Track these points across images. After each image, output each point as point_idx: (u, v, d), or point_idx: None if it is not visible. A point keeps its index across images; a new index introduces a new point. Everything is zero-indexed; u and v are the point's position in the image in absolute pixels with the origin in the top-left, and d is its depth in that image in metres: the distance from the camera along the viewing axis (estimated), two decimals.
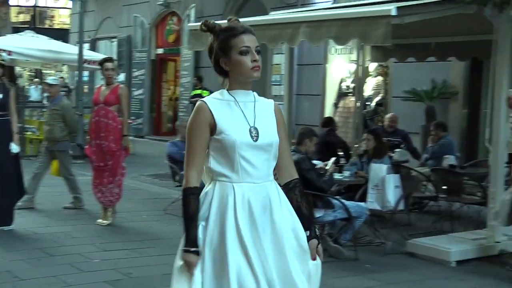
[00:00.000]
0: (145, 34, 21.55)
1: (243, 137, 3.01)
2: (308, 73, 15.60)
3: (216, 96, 3.10)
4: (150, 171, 13.26)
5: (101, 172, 8.46)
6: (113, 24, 23.11)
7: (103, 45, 23.88)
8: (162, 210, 9.36)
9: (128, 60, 22.17)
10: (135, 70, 21.88)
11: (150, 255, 7.04)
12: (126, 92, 8.64)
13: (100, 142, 8.36)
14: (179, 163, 9.14)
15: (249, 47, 3.03)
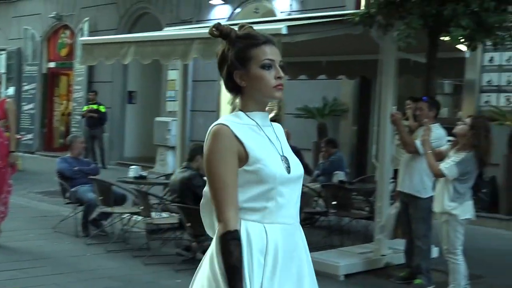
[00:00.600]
0: (36, 47, 20.99)
1: (280, 168, 2.55)
2: (203, 89, 15.65)
3: (234, 119, 2.57)
4: (40, 188, 12.88)
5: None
6: (1, 36, 22.40)
7: None
8: (51, 228, 9.09)
9: (18, 73, 21.51)
10: (26, 84, 21.26)
11: (38, 275, 6.83)
12: (14, 107, 8.36)
13: None
14: (69, 179, 8.96)
15: (273, 60, 2.60)
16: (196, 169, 7.30)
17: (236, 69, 2.58)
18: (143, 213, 7.92)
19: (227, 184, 2.48)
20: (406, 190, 6.90)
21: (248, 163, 2.50)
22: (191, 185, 7.15)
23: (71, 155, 9.23)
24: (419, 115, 6.79)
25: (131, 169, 9.45)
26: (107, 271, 7.11)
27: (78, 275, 6.91)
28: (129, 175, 9.41)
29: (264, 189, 2.52)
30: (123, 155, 18.16)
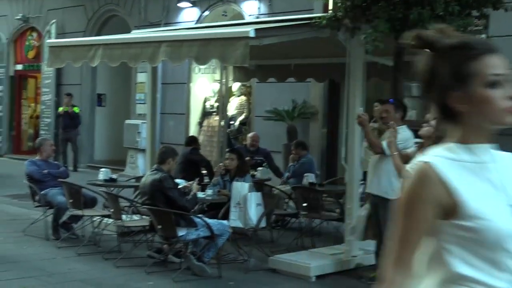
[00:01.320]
0: (3, 49, 20.77)
1: (509, 224, 1.94)
2: (173, 92, 15.64)
3: (446, 155, 1.98)
4: (9, 191, 12.75)
5: None
6: None
7: None
8: (20, 232, 9.04)
9: None
10: None
11: (7, 279, 6.82)
12: None
13: None
14: (39, 182, 8.92)
15: (502, 75, 1.95)
16: (167, 171, 7.33)
17: (452, 90, 1.96)
18: (113, 215, 7.93)
19: (406, 239, 1.95)
20: (374, 192, 6.99)
21: (463, 216, 1.91)
22: (162, 187, 7.17)
23: (41, 158, 9.20)
24: (385, 117, 6.88)
25: (101, 172, 9.44)
26: (78, 274, 7.11)
27: (48, 278, 6.90)
28: (99, 177, 9.40)
29: (487, 250, 1.91)
30: (93, 158, 18.06)
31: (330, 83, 12.58)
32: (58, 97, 18.64)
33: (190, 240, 7.24)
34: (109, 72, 17.32)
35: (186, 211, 7.18)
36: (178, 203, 7.13)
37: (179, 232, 7.07)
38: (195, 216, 7.29)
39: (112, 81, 18.17)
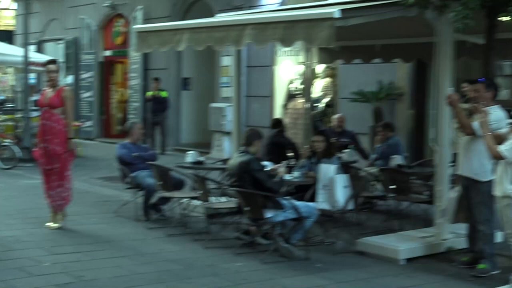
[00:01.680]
0: (92, 36, 21.33)
1: None
2: (257, 75, 15.69)
3: None
4: (100, 174, 13.17)
5: (49, 175, 8.39)
6: (59, 25, 22.81)
7: (50, 47, 23.55)
8: (112, 213, 9.32)
9: (75, 62, 21.91)
10: (83, 72, 21.64)
11: (101, 258, 7.02)
12: (71, 95, 8.55)
13: (45, 145, 8.28)
14: (129, 165, 9.14)
15: None
16: (254, 154, 7.37)
17: None
18: (201, 197, 8.04)
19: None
20: (465, 174, 6.83)
21: None
22: (249, 169, 7.21)
23: (130, 141, 9.41)
24: (475, 97, 6.69)
25: (189, 155, 9.58)
26: (168, 254, 7.25)
27: (140, 258, 7.08)
28: (186, 160, 9.54)
29: None
30: (179, 141, 18.36)
31: (417, 63, 12.33)
32: (145, 82, 19.04)
33: (277, 222, 7.27)
34: (194, 56, 17.55)
35: (273, 193, 7.21)
36: (265, 185, 7.16)
37: (266, 214, 7.11)
38: (283, 198, 7.30)
39: (198, 65, 18.40)
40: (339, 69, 14.13)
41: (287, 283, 6.30)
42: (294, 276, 6.56)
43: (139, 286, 6.08)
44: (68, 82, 20.97)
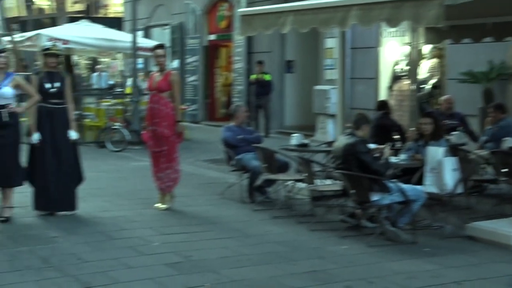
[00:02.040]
0: (197, 21, 21.66)
1: None
2: (362, 57, 15.48)
3: None
4: (206, 156, 13.38)
5: (157, 158, 8.58)
6: (165, 11, 23.27)
7: (156, 33, 24.08)
8: (218, 195, 9.45)
9: (181, 47, 22.32)
10: (188, 56, 22.02)
11: (208, 239, 7.13)
12: (178, 78, 8.68)
13: (154, 128, 8.48)
14: (234, 147, 9.23)
15: None
16: (361, 137, 7.27)
17: None
18: (306, 180, 8.02)
19: None
20: None
21: None
22: (355, 151, 7.13)
23: (235, 124, 9.49)
24: None
25: (293, 137, 9.56)
26: (274, 236, 7.29)
27: (246, 239, 7.14)
28: (291, 142, 9.54)
29: None
30: (283, 124, 18.41)
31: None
32: (249, 65, 19.17)
33: (384, 205, 7.15)
34: (298, 38, 17.50)
35: (379, 176, 7.09)
36: (371, 168, 7.06)
37: (372, 197, 7.01)
38: (389, 181, 7.17)
39: (301, 47, 18.33)
40: (447, 49, 13.71)
41: (394, 267, 6.19)
42: (401, 260, 6.44)
43: (246, 267, 6.13)
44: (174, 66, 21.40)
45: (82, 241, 6.88)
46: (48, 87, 7.89)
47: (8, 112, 7.57)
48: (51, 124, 7.92)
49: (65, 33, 16.12)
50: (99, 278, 5.68)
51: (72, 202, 8.10)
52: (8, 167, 7.68)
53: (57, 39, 14.09)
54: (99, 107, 16.44)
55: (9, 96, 7.62)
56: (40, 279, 5.63)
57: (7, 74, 7.72)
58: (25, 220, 7.78)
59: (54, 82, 7.93)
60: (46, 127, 7.90)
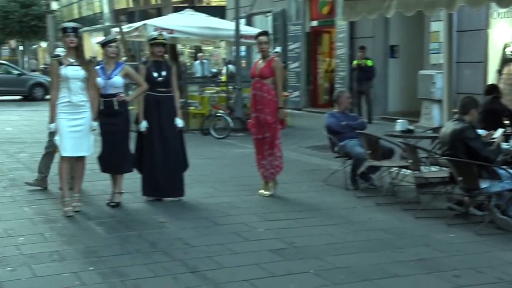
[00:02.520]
0: (299, 7, 21.62)
1: None
2: (469, 40, 15.01)
3: None
4: (309, 143, 13.37)
5: (261, 145, 8.62)
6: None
7: (259, 20, 24.23)
8: (321, 181, 9.42)
9: (283, 33, 22.36)
10: (291, 43, 22.04)
11: (312, 225, 7.12)
12: (280, 65, 8.65)
13: (257, 115, 8.53)
14: (338, 134, 9.16)
15: None
16: (469, 122, 7.05)
17: None
18: (412, 167, 7.87)
19: None
20: None
21: None
22: (463, 137, 6.92)
23: (338, 110, 9.42)
24: None
25: (398, 123, 9.39)
26: (378, 223, 7.20)
27: (350, 226, 7.09)
28: (396, 128, 9.37)
29: None
30: (386, 109, 18.14)
31: None
32: (351, 51, 18.97)
33: (493, 193, 6.92)
34: (402, 22, 17.15)
35: (489, 162, 6.86)
36: (480, 154, 6.84)
37: (481, 184, 6.80)
38: (499, 167, 6.93)
39: (405, 31, 17.97)
40: None
41: (505, 257, 5.98)
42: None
43: (350, 254, 6.08)
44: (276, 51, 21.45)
45: (188, 226, 7.03)
46: (156, 76, 8.07)
47: (118, 101, 7.81)
48: (158, 112, 8.10)
49: (170, 22, 16.47)
50: (205, 262, 5.79)
51: (179, 188, 8.28)
52: (118, 154, 7.92)
53: (162, 28, 14.40)
54: (203, 95, 16.73)
55: (119, 85, 7.85)
56: (149, 262, 5.79)
57: (117, 63, 7.94)
58: (134, 206, 8.02)
59: (161, 71, 8.09)
60: (154, 115, 8.10)
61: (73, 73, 7.40)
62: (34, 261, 5.82)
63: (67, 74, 7.38)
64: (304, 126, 16.51)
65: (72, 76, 7.39)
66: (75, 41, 7.44)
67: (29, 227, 6.98)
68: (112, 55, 7.85)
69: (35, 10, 36.52)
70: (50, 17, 32.75)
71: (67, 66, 7.40)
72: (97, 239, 6.56)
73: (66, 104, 7.43)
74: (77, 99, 7.44)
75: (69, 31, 7.41)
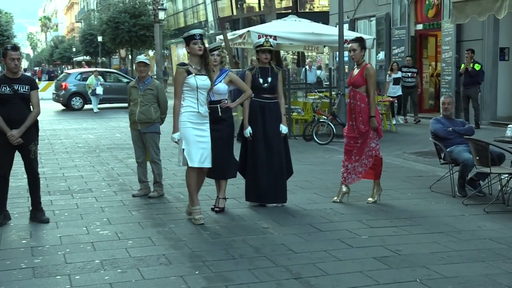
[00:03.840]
0: (404, 11, 21.28)
1: None
2: None
3: None
4: (414, 149, 13.12)
5: (350, 152, 8.49)
6: (371, 3, 23.14)
7: (362, 25, 24.03)
8: (427, 188, 9.21)
9: (387, 38, 22.07)
10: (395, 47, 21.72)
11: (417, 233, 6.97)
12: (372, 72, 8.42)
13: (352, 124, 8.42)
14: (444, 140, 8.94)
15: None
16: None
17: None
18: None
19: None
20: None
21: None
22: None
23: (444, 115, 9.19)
24: None
25: (509, 128, 9.06)
26: (487, 232, 6.96)
27: (457, 235, 6.89)
28: (506, 134, 9.04)
29: None
30: (495, 114, 17.55)
31: None
32: (458, 54, 18.50)
33: None
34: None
35: None
36: None
37: None
38: None
39: None
40: None
41: None
42: None
43: (458, 263, 5.91)
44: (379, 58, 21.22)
45: (292, 232, 7.03)
46: (261, 82, 8.13)
47: (222, 108, 7.91)
48: (263, 118, 8.15)
49: (274, 29, 16.59)
50: (309, 269, 5.77)
51: (282, 194, 8.30)
52: (223, 160, 8.02)
53: (266, 35, 14.51)
54: (306, 100, 16.72)
55: (223, 92, 7.95)
56: (253, 268, 5.83)
57: (222, 70, 8.03)
58: (238, 211, 8.10)
59: (267, 77, 8.15)
60: (259, 121, 8.15)
61: (202, 82, 7.38)
62: (142, 264, 5.98)
63: (197, 83, 7.37)
64: (408, 132, 16.22)
65: (201, 86, 7.38)
66: (203, 48, 7.38)
67: (137, 231, 7.19)
68: (214, 63, 7.93)
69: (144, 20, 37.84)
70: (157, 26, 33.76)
71: (196, 75, 7.38)
72: (202, 244, 6.67)
73: (193, 114, 7.38)
74: (203, 109, 7.45)
75: (197, 38, 7.33)
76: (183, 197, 8.76)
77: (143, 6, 38.89)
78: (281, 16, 19.85)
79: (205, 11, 44.17)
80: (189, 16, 48.45)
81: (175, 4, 51.07)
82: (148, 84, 9.01)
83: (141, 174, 9.17)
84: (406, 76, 18.74)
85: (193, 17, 47.28)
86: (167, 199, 8.82)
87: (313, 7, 36.26)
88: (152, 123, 8.99)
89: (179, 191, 9.25)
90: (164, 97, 9.15)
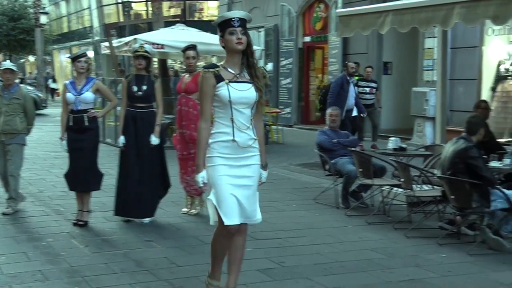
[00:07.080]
0: (292, 23, 21.59)
1: None
2: (463, 57, 14.98)
3: None
4: (299, 160, 13.25)
5: (185, 161, 8.25)
6: (260, 13, 23.34)
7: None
8: (312, 200, 9.29)
9: (275, 49, 22.31)
10: (283, 59, 21.99)
11: (301, 245, 6.98)
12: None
13: (182, 131, 8.18)
14: (329, 151, 9.05)
15: None
16: (476, 142, 6.90)
17: None
18: (404, 185, 7.75)
19: None
20: None
21: None
22: (465, 156, 6.78)
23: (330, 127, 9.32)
24: None
25: (391, 141, 9.29)
26: (368, 243, 7.07)
27: (340, 246, 6.96)
28: (388, 146, 9.27)
29: None
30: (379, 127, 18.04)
31: None
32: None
33: (486, 212, 6.81)
34: (395, 39, 17.14)
35: (490, 185, 6.73)
36: (481, 173, 6.69)
37: (473, 204, 6.69)
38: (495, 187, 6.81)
39: (398, 48, 17.96)
40: None
41: (497, 277, 5.87)
42: (505, 270, 6.11)
43: (339, 274, 5.95)
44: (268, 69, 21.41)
45: (175, 245, 6.86)
46: (135, 90, 7.81)
47: (89, 117, 7.65)
48: (135, 128, 7.83)
49: (161, 37, 16.36)
50: (192, 282, 5.64)
51: (149, 209, 7.93)
52: (85, 171, 7.71)
53: (153, 43, 14.28)
54: None
55: (89, 101, 7.66)
56: (134, 282, 5.63)
57: (88, 78, 7.73)
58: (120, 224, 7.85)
59: (142, 85, 7.82)
60: (131, 130, 7.83)
61: (239, 94, 5.30)
62: (16, 281, 5.65)
63: (230, 96, 5.57)
64: (295, 143, 16.40)
65: (237, 100, 5.30)
66: (245, 41, 5.32)
67: (12, 246, 6.81)
68: (81, 70, 7.64)
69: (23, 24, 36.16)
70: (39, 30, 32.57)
71: (230, 82, 5.31)
72: (81, 258, 6.38)
73: (226, 145, 5.03)
74: (244, 137, 5.63)
75: (236, 25, 5.04)
76: (63, 209, 8.42)
77: (23, 9, 37.22)
78: (169, 24, 19.63)
79: (90, 17, 43.08)
80: (73, 21, 47.11)
81: (59, 8, 49.56)
82: (14, 93, 8.34)
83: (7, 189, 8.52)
84: (363, 92, 15.07)
85: (78, 22, 46.05)
86: (45, 212, 8.43)
87: (202, 16, 36.24)
88: (17, 134, 8.37)
89: (58, 203, 8.87)
90: (32, 107, 8.52)
